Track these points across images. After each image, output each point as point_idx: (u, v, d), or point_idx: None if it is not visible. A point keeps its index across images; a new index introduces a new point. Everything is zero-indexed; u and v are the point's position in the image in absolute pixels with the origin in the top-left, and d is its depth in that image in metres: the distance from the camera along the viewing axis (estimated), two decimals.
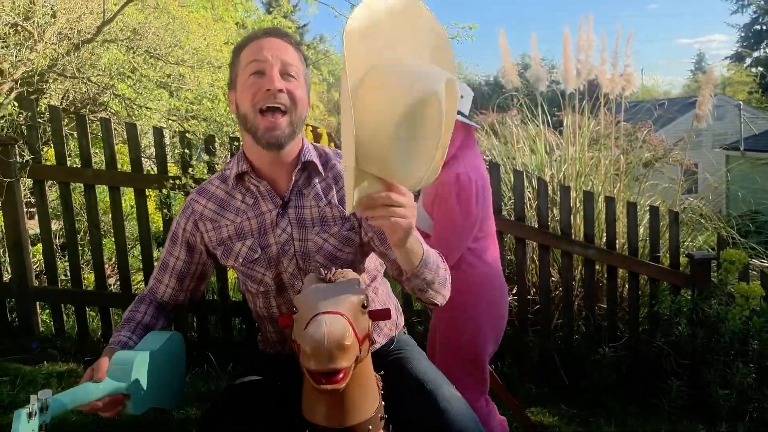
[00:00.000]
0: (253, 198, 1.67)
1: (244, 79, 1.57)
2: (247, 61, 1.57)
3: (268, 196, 1.66)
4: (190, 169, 3.53)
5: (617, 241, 3.77)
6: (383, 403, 1.48)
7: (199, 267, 1.77)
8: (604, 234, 3.87)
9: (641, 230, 4.10)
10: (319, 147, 1.74)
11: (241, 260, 1.68)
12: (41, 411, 1.25)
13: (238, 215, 1.67)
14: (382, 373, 1.54)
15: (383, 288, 1.85)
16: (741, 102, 18.24)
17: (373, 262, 1.79)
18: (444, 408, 1.55)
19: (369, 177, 1.26)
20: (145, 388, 1.53)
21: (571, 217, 3.83)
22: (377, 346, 1.77)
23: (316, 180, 1.67)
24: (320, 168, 1.68)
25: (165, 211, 3.61)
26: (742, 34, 32.94)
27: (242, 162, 1.67)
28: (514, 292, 4.02)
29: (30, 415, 1.23)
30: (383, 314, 1.40)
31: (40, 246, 3.93)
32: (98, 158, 4.18)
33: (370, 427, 1.39)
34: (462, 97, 2.45)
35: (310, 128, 2.78)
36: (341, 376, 1.20)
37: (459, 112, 2.42)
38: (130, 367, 1.51)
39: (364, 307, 1.33)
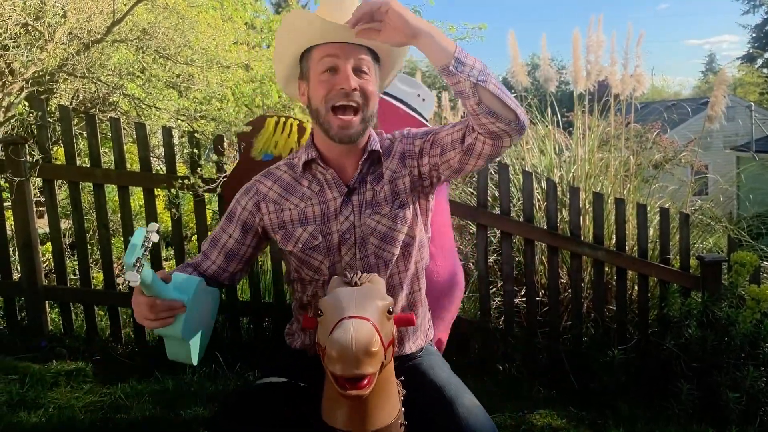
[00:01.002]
0: (319, 185, 1.69)
1: (317, 74, 1.59)
2: (321, 56, 1.58)
3: (333, 184, 1.68)
4: (199, 169, 3.53)
5: (627, 243, 3.74)
6: (403, 409, 1.48)
7: (249, 249, 1.76)
8: (614, 235, 3.85)
9: (651, 232, 4.07)
10: (384, 135, 1.76)
11: (300, 245, 1.68)
12: (138, 264, 1.28)
13: (302, 200, 1.69)
14: (402, 378, 1.54)
15: (425, 302, 1.86)
16: (752, 103, 18.11)
17: (423, 254, 1.78)
18: (463, 416, 1.54)
19: None
20: (195, 315, 1.51)
21: (581, 218, 3.81)
22: (407, 352, 1.76)
23: (377, 166, 1.70)
24: (382, 157, 1.71)
25: (174, 210, 3.62)
26: (754, 35, 32.78)
27: (311, 150, 1.69)
28: (522, 293, 4.01)
29: (145, 242, 1.29)
30: (407, 320, 1.40)
31: (49, 245, 3.94)
32: (107, 158, 4.19)
33: None
34: (423, 100, 2.44)
35: (297, 122, 2.81)
36: (366, 382, 1.19)
37: (419, 113, 2.41)
38: (193, 284, 1.50)
39: (389, 312, 1.33)
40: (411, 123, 2.41)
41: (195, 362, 1.59)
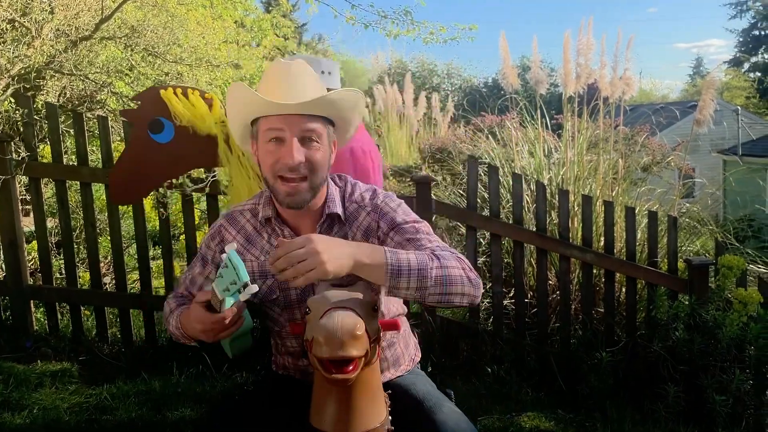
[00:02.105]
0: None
1: (264, 143, 1.57)
2: (266, 127, 1.55)
3: None
4: None
5: (615, 246, 3.76)
6: (390, 417, 1.49)
7: None
8: (602, 238, 3.86)
9: (639, 234, 4.09)
10: (352, 194, 1.71)
11: (259, 297, 1.70)
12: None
13: (262, 253, 1.70)
14: (389, 392, 1.56)
15: (405, 326, 1.86)
16: (739, 107, 18.25)
17: (395, 304, 1.81)
18: (441, 420, 1.56)
19: None
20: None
21: (570, 221, 3.82)
22: (392, 377, 1.77)
23: (336, 228, 1.67)
24: (344, 218, 1.67)
25: (161, 210, 3.59)
26: (741, 39, 33.09)
27: (268, 207, 1.69)
28: (511, 295, 4.02)
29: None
30: (393, 325, 1.43)
31: (35, 244, 3.90)
32: (95, 156, 4.16)
33: None
34: (330, 73, 2.41)
35: (198, 92, 2.61)
36: (351, 367, 1.25)
37: (329, 89, 2.38)
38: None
39: (375, 309, 1.37)
40: None
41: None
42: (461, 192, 5.25)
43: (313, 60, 2.43)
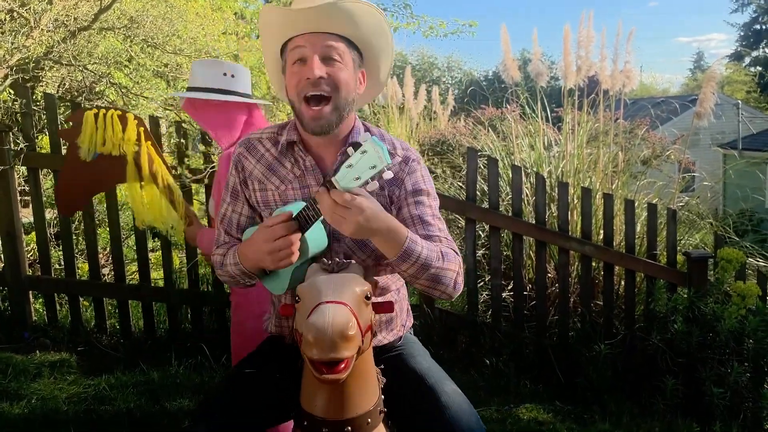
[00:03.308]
0: (300, 170, 1.67)
1: (290, 66, 1.59)
2: (291, 47, 1.58)
3: (312, 173, 1.66)
4: (186, 159, 3.50)
5: (614, 238, 3.75)
6: (383, 396, 1.47)
7: (257, 220, 1.76)
8: (601, 231, 3.86)
9: (638, 227, 4.08)
10: (374, 132, 1.70)
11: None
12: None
13: (284, 183, 1.67)
14: (382, 366, 1.53)
15: (403, 290, 1.84)
16: (740, 101, 18.23)
17: (393, 280, 1.78)
18: (445, 404, 1.53)
19: None
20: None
21: (569, 213, 3.81)
22: (384, 341, 1.74)
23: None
24: None
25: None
26: (742, 33, 33.01)
27: (293, 131, 1.67)
28: (509, 287, 4.02)
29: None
30: (386, 308, 1.41)
31: (33, 235, 3.89)
32: None
33: (369, 420, 1.39)
34: (233, 76, 2.40)
35: (118, 113, 2.63)
36: (343, 366, 1.20)
37: (232, 92, 2.36)
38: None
39: (367, 298, 1.34)
40: (228, 107, 2.34)
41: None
42: (461, 184, 5.24)
43: (215, 63, 2.45)
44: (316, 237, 1.53)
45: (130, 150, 2.61)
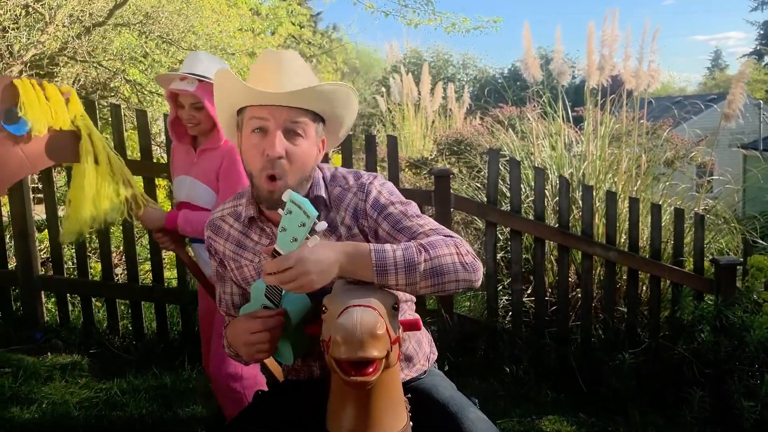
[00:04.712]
0: (268, 239, 1.61)
1: (248, 133, 1.49)
2: (250, 116, 1.48)
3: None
4: None
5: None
6: (411, 423, 1.41)
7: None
8: (624, 235, 3.75)
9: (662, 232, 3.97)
10: (326, 175, 1.63)
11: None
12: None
13: (256, 255, 1.62)
14: (409, 396, 1.47)
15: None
16: (761, 101, 17.97)
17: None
18: (469, 430, 1.47)
19: None
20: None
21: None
22: (408, 378, 1.67)
23: (323, 214, 1.58)
24: (329, 202, 1.59)
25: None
26: (761, 32, 32.58)
27: (250, 206, 1.60)
28: (529, 292, 3.92)
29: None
30: (413, 324, 1.37)
31: (46, 233, 3.85)
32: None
33: None
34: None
35: (54, 86, 2.39)
36: (371, 369, 1.16)
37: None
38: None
39: (394, 309, 1.31)
40: None
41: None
42: (478, 185, 5.14)
43: (220, 60, 2.49)
44: (295, 299, 1.46)
45: (83, 126, 2.43)
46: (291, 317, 1.45)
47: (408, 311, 1.70)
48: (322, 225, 1.26)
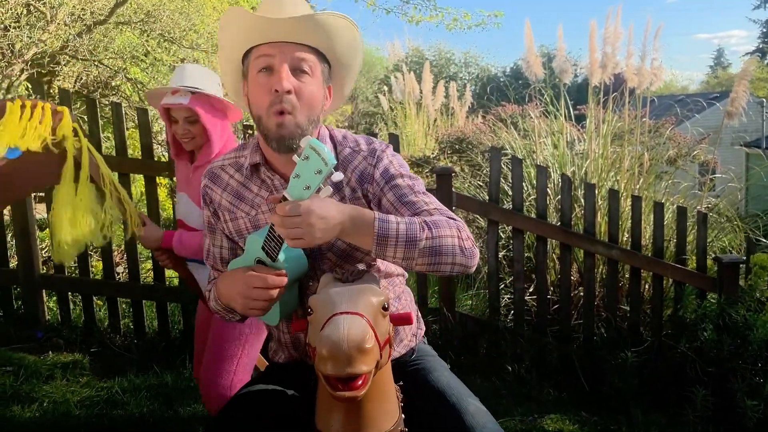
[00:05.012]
0: (268, 191, 1.58)
1: (254, 74, 1.47)
2: (257, 55, 1.47)
3: (281, 191, 1.55)
4: None
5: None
6: (403, 415, 1.38)
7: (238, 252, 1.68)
8: (626, 234, 3.74)
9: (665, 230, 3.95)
10: (336, 135, 1.62)
11: None
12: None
13: (253, 207, 1.59)
14: (401, 383, 1.44)
15: (406, 296, 1.73)
16: (764, 99, 17.92)
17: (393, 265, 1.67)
18: (470, 425, 1.44)
19: None
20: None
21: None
22: (396, 355, 1.64)
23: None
24: (337, 161, 1.55)
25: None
26: (764, 30, 32.51)
27: (256, 153, 1.58)
28: (531, 290, 3.91)
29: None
30: (404, 319, 1.33)
31: (47, 231, 3.84)
32: (108, 143, 4.09)
33: None
34: (222, 86, 2.36)
35: (49, 106, 2.23)
36: (360, 382, 1.11)
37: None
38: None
39: (384, 309, 1.25)
40: (227, 116, 2.39)
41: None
42: (480, 183, 5.13)
43: (210, 72, 2.43)
44: (293, 258, 1.43)
45: (70, 147, 2.26)
46: (288, 273, 1.42)
47: (404, 300, 1.68)
48: (338, 175, 1.25)
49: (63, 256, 2.31)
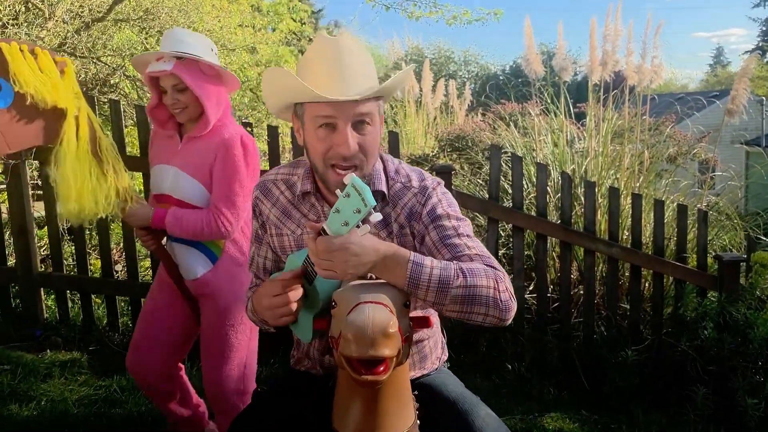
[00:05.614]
0: (316, 216, 1.60)
1: (313, 129, 1.45)
2: (315, 114, 1.43)
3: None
4: None
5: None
6: (419, 422, 1.40)
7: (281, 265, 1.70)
8: (627, 232, 3.73)
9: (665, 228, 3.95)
10: (398, 173, 1.60)
11: None
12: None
13: (299, 227, 1.61)
14: (416, 393, 1.46)
15: (436, 323, 1.74)
16: (764, 97, 17.92)
17: None
18: (480, 428, 1.47)
19: None
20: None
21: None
22: (417, 374, 1.67)
23: (380, 206, 1.55)
24: (388, 197, 1.56)
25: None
26: (764, 28, 32.52)
27: (307, 180, 1.59)
28: (531, 289, 3.90)
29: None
30: (424, 322, 1.33)
31: (46, 230, 3.83)
32: None
33: None
34: (214, 52, 2.26)
35: (48, 53, 2.07)
36: (383, 368, 1.14)
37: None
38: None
39: (406, 306, 1.29)
40: (221, 81, 2.24)
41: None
42: (480, 181, 5.12)
43: (201, 36, 2.28)
44: (326, 283, 1.43)
45: (72, 104, 2.12)
46: (320, 295, 1.43)
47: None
48: (377, 216, 1.25)
49: (71, 216, 2.21)
